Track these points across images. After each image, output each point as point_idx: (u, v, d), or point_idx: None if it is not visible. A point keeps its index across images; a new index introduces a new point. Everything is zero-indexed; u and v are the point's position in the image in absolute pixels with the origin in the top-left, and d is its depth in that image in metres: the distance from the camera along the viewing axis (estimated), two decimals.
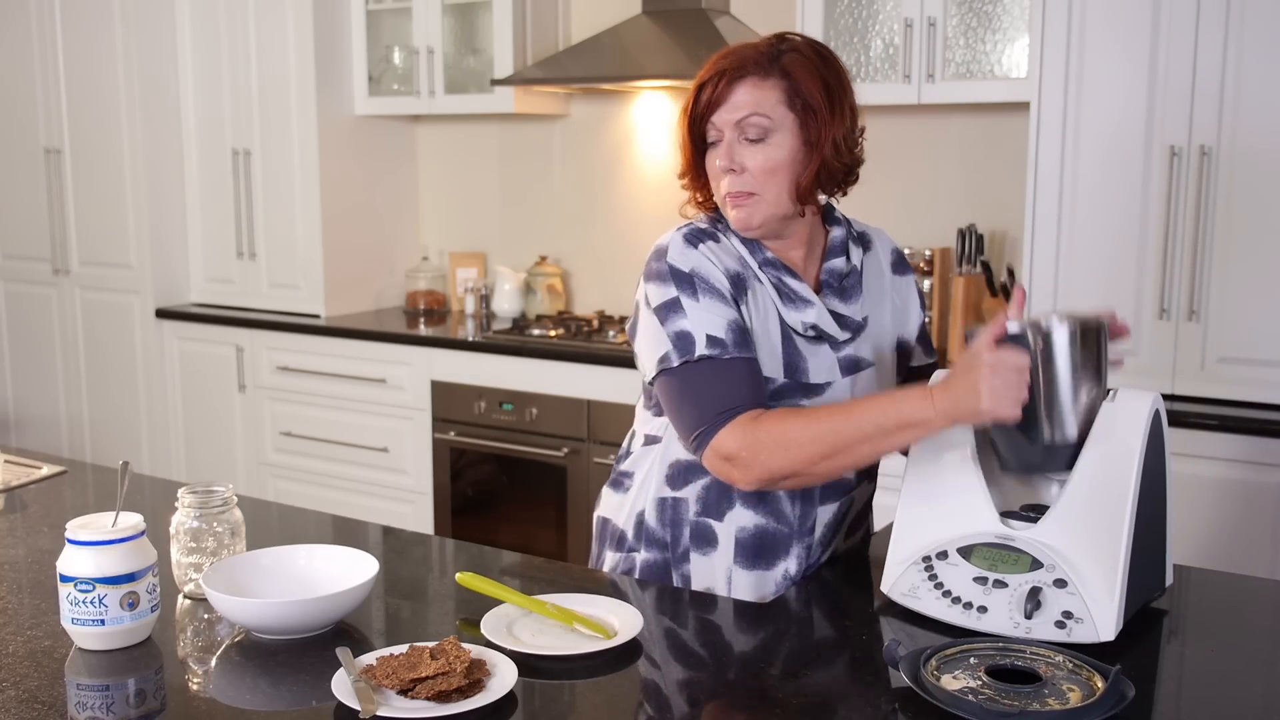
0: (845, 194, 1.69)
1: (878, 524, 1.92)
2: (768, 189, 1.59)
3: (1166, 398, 2.80)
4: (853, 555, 1.82)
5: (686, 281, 1.60)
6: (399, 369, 3.92)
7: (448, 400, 3.82)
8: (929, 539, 1.53)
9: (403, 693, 1.26)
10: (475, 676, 1.28)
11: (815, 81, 1.59)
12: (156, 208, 4.36)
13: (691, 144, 1.65)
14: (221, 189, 4.36)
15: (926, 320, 1.82)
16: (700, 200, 1.71)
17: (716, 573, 1.70)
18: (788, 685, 1.38)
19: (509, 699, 1.27)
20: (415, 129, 4.51)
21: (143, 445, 4.51)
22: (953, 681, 1.27)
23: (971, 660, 1.32)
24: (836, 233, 1.70)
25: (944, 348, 3.53)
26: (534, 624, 1.46)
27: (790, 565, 1.70)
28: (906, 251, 3.54)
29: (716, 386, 1.57)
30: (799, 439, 1.52)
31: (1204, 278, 2.79)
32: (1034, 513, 1.53)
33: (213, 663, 1.42)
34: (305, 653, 1.42)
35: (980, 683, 1.27)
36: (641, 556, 1.74)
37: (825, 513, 1.71)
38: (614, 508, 1.80)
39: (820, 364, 1.64)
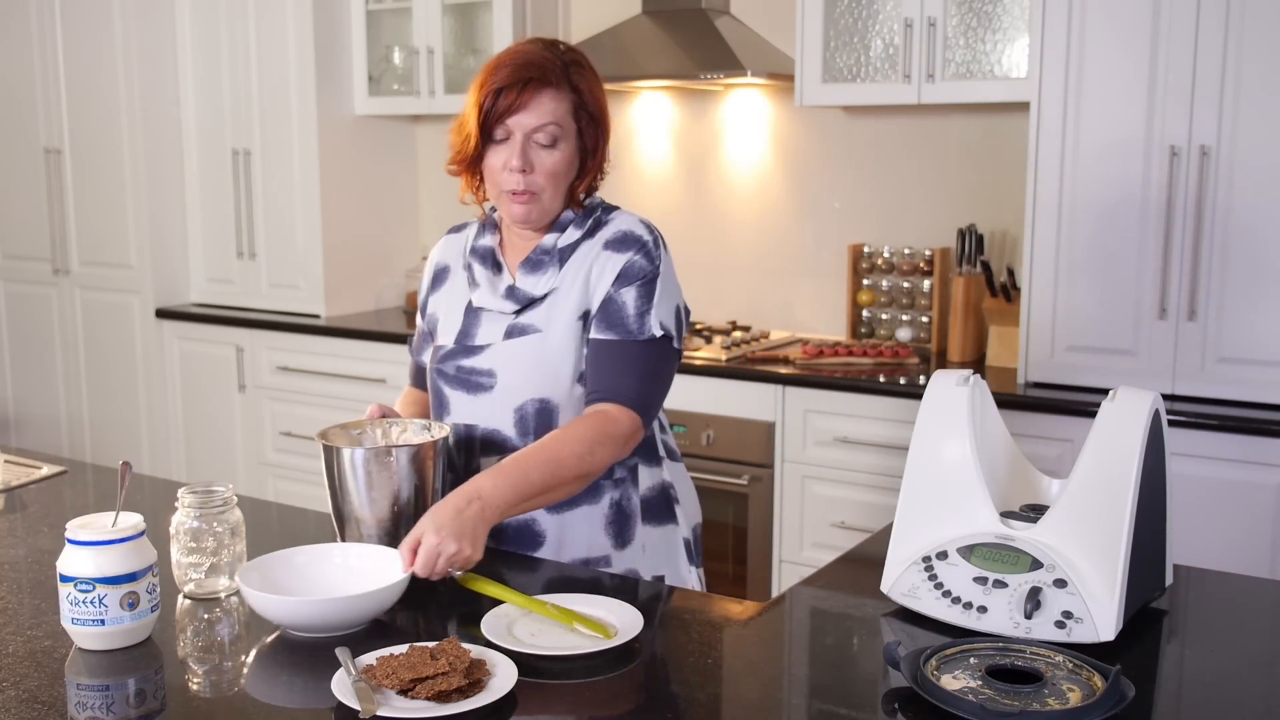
0: (596, 190, 1.85)
1: (878, 524, 1.92)
2: (547, 190, 1.76)
3: (1166, 398, 2.80)
4: (852, 555, 1.82)
5: None
6: (399, 369, 3.91)
7: None
8: (929, 539, 1.53)
9: (403, 693, 1.26)
10: (475, 676, 1.28)
11: (598, 96, 1.80)
12: (156, 208, 4.36)
13: (479, 139, 1.77)
14: (221, 189, 4.36)
15: (623, 293, 1.77)
16: (478, 191, 1.84)
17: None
18: (787, 685, 1.38)
19: (509, 699, 1.27)
20: (415, 129, 4.51)
21: (143, 445, 4.51)
22: (953, 681, 1.27)
23: (971, 660, 1.32)
24: (564, 215, 1.83)
25: (943, 348, 3.53)
26: (534, 624, 1.46)
27: None
28: (906, 251, 3.58)
29: None
30: None
31: (1204, 278, 2.79)
32: (1034, 513, 1.53)
33: (213, 663, 1.42)
34: (305, 652, 1.42)
35: (980, 683, 1.27)
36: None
37: (485, 463, 1.82)
38: None
39: (488, 330, 1.83)
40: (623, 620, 1.46)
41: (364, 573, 1.55)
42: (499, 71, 1.73)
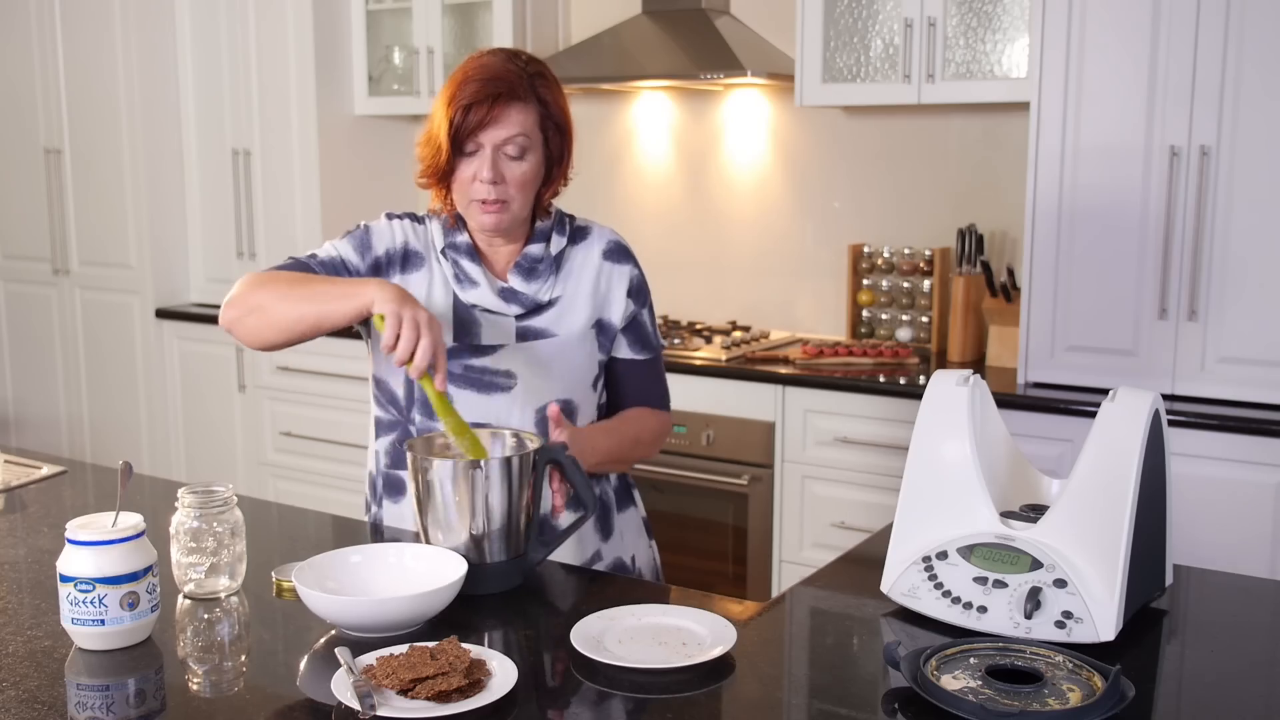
0: (557, 195, 1.89)
1: (878, 524, 1.92)
2: (516, 199, 1.79)
3: (1166, 398, 2.80)
4: (852, 555, 1.82)
5: (352, 230, 1.90)
6: None
7: None
8: (929, 539, 1.53)
9: (403, 693, 1.26)
10: (475, 676, 1.28)
11: (562, 106, 1.82)
12: (156, 208, 4.36)
13: (450, 154, 1.80)
14: (221, 189, 4.36)
15: (643, 313, 1.93)
16: (447, 201, 1.86)
17: (407, 518, 1.87)
18: (787, 685, 1.38)
19: (509, 699, 1.27)
20: (415, 129, 4.51)
21: (143, 445, 4.51)
22: (953, 681, 1.27)
23: (971, 660, 1.32)
24: (540, 225, 1.88)
25: (943, 348, 3.53)
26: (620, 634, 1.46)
27: None
28: (906, 251, 3.58)
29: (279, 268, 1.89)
30: (274, 279, 1.83)
31: (1204, 278, 2.79)
32: (1034, 513, 1.53)
33: (212, 663, 1.42)
34: (304, 652, 1.42)
35: (980, 683, 1.27)
36: (374, 511, 1.93)
37: None
38: None
39: (495, 330, 1.84)
40: (713, 632, 1.45)
41: (419, 573, 1.54)
42: (466, 87, 1.75)
